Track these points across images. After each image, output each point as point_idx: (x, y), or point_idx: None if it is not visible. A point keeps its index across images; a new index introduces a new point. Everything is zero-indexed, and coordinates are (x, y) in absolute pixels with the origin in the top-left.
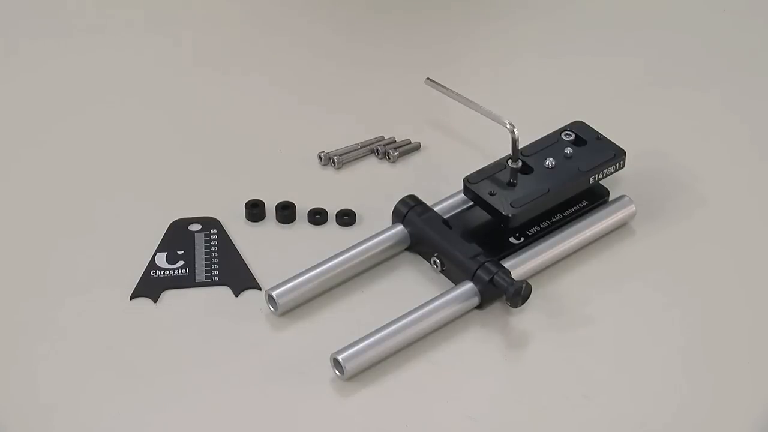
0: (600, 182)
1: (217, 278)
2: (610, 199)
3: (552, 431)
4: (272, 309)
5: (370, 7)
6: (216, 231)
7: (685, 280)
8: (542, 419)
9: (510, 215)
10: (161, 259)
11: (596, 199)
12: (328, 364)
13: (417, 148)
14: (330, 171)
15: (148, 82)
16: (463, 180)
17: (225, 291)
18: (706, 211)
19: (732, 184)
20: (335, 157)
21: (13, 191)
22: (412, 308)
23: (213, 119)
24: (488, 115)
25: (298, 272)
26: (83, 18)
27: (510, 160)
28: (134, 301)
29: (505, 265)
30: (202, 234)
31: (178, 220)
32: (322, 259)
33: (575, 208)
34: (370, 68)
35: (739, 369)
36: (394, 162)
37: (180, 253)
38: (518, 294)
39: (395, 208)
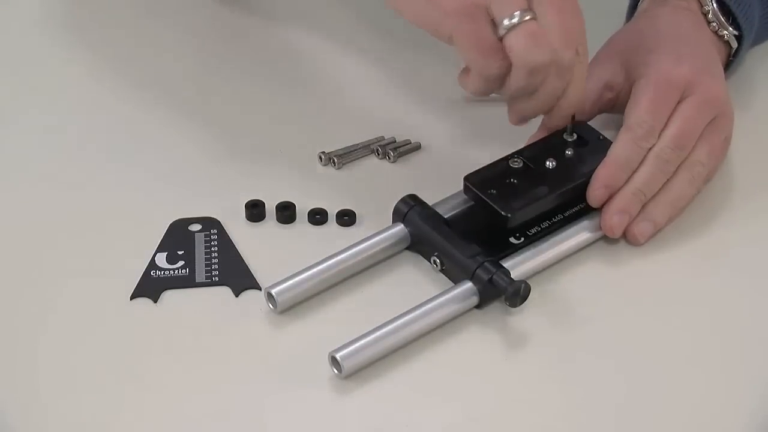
0: None
1: (217, 278)
2: None
3: (552, 431)
4: (271, 307)
5: (371, 6)
6: (216, 231)
7: (685, 280)
8: (542, 419)
9: (510, 215)
10: (161, 259)
11: None
12: (327, 362)
13: (417, 148)
14: (330, 171)
15: (148, 82)
16: (463, 179)
17: (225, 291)
18: (706, 211)
19: (733, 184)
20: (335, 157)
21: (12, 191)
22: (411, 307)
23: (213, 119)
24: None
25: (298, 270)
26: (82, 15)
27: (510, 160)
28: (134, 301)
29: (505, 265)
30: (202, 234)
31: (178, 220)
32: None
33: (576, 208)
34: (371, 68)
35: (742, 369)
36: (394, 162)
37: (180, 253)
38: (517, 294)
39: (395, 207)
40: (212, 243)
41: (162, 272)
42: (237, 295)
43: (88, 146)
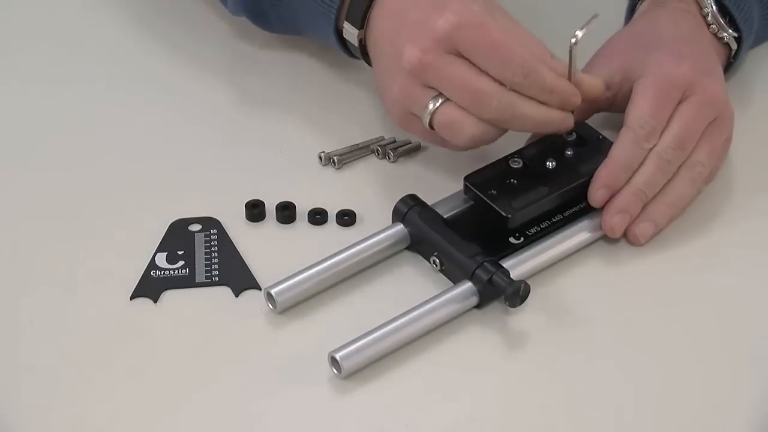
0: None
1: (217, 278)
2: None
3: (551, 431)
4: (271, 307)
5: None
6: (216, 231)
7: (685, 280)
8: (542, 419)
9: (510, 216)
10: (161, 259)
11: None
12: (326, 362)
13: (417, 148)
14: (330, 171)
15: (148, 81)
16: (463, 180)
17: (225, 291)
18: (706, 211)
19: (733, 184)
20: (335, 157)
21: (12, 190)
22: (411, 307)
23: (213, 119)
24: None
25: (298, 270)
26: (86, 15)
27: (510, 160)
28: (134, 301)
29: (504, 265)
30: (202, 234)
31: (178, 220)
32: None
33: (576, 208)
34: (371, 68)
35: (741, 368)
36: (394, 162)
37: (180, 253)
38: (516, 294)
39: (395, 207)
40: (212, 243)
41: (162, 272)
42: (237, 295)
43: (88, 146)
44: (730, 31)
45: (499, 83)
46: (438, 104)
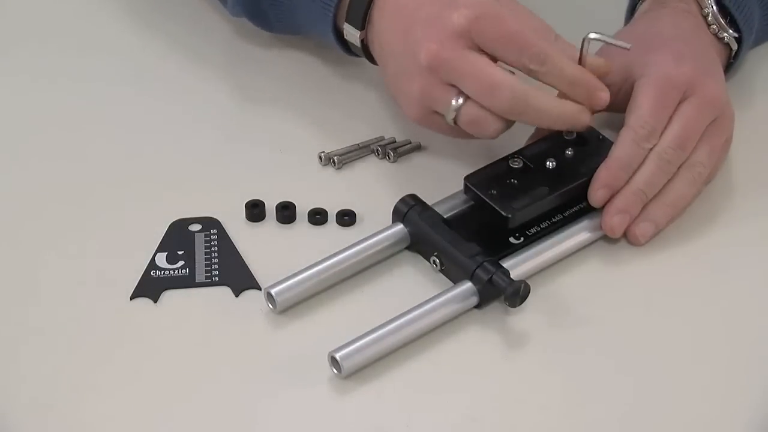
0: None
1: (217, 278)
2: None
3: (551, 431)
4: (271, 307)
5: None
6: (216, 231)
7: (685, 280)
8: (542, 419)
9: (511, 216)
10: (161, 259)
11: None
12: (326, 362)
13: (417, 148)
14: (330, 171)
15: (148, 81)
16: (464, 179)
17: (225, 291)
18: (706, 211)
19: (733, 184)
20: (335, 157)
21: (13, 190)
22: (411, 307)
23: (213, 118)
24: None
25: (298, 270)
26: (89, 13)
27: (511, 160)
28: (134, 301)
29: (504, 265)
30: (202, 234)
31: (178, 220)
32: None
33: (576, 208)
34: (371, 68)
35: (742, 368)
36: (394, 162)
37: (180, 253)
38: (516, 294)
39: (395, 207)
40: (212, 243)
41: (162, 272)
42: (237, 295)
43: (88, 145)
44: (731, 31)
45: (516, 75)
46: (461, 102)
